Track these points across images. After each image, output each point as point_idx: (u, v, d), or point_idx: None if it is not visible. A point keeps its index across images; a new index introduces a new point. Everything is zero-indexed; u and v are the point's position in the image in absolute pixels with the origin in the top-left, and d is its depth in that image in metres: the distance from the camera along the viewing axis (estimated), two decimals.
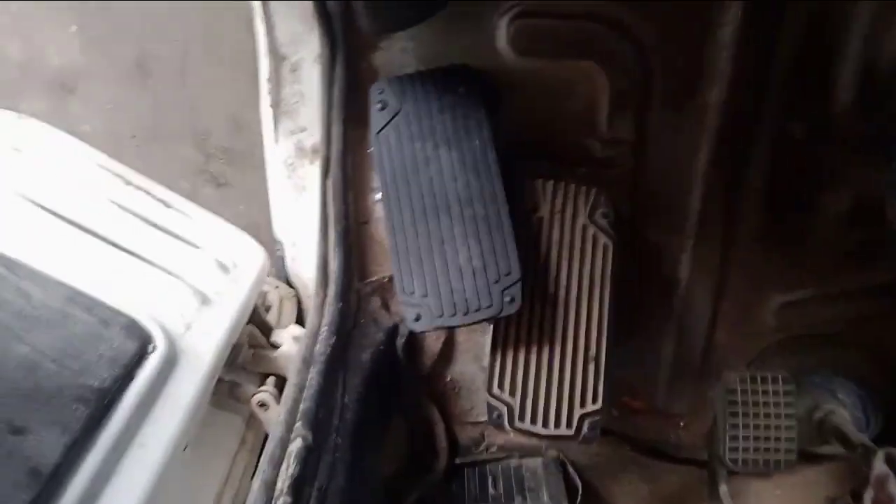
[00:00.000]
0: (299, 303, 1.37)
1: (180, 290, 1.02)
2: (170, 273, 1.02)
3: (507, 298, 0.98)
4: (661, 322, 1.32)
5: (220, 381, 1.01)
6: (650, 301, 1.31)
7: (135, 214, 1.11)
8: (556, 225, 1.10)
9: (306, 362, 0.97)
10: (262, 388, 1.01)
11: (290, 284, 1.39)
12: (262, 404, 1.00)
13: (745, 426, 1.03)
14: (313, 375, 0.94)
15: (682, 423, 1.38)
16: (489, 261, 0.98)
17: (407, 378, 1.22)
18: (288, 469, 0.79)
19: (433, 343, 1.25)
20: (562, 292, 1.07)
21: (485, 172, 1.03)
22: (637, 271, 1.27)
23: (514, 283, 0.98)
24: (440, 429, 1.26)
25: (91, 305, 0.91)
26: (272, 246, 1.38)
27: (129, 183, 1.16)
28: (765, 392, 1.04)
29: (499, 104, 1.13)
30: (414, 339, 1.22)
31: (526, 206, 1.10)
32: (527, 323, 1.05)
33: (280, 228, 1.36)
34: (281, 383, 1.09)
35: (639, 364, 1.36)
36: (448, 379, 1.28)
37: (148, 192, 1.16)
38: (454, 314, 0.98)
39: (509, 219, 1.01)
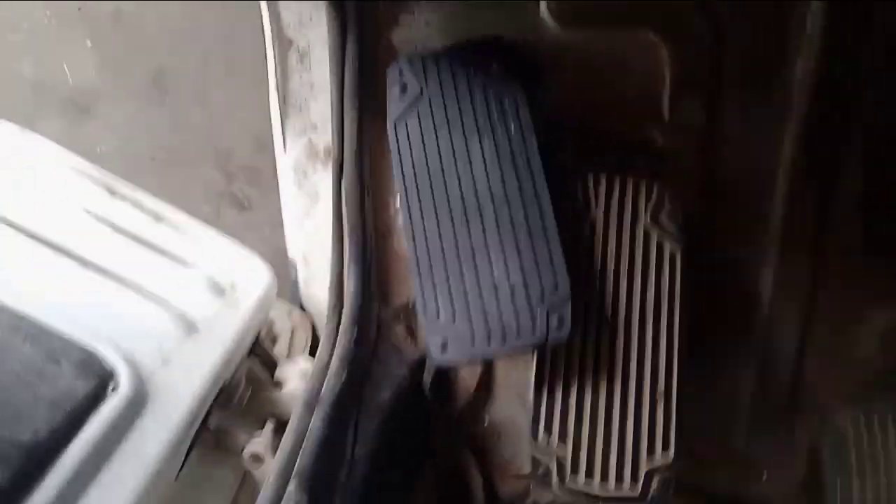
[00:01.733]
0: (314, 332, 1.19)
1: (159, 315, 0.85)
2: (147, 295, 0.85)
3: (553, 322, 0.79)
4: (739, 350, 1.10)
5: (206, 428, 0.82)
6: (725, 325, 1.09)
7: (113, 227, 0.95)
8: (613, 229, 0.90)
9: (309, 406, 0.79)
10: (257, 436, 0.82)
11: (304, 310, 1.21)
12: (256, 458, 0.81)
13: (862, 485, 0.81)
14: (316, 422, 0.75)
15: (765, 474, 1.15)
16: (531, 276, 0.79)
17: (437, 422, 1.02)
18: None
19: (468, 379, 1.05)
20: (621, 313, 0.86)
21: (524, 166, 0.84)
22: (708, 288, 1.06)
23: (563, 303, 0.79)
24: (477, 482, 1.05)
25: (37, 335, 0.74)
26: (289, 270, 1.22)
27: (114, 193, 1.00)
28: (885, 438, 0.81)
29: (539, 84, 0.95)
30: (444, 375, 1.03)
31: (573, 207, 0.90)
32: (578, 352, 0.85)
33: (293, 246, 1.19)
34: (282, 430, 0.89)
35: (712, 402, 1.14)
36: (486, 423, 1.07)
37: (136, 204, 1.00)
38: (488, 342, 0.79)
39: (555, 223, 0.82)
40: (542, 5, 0.92)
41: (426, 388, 0.98)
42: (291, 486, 0.65)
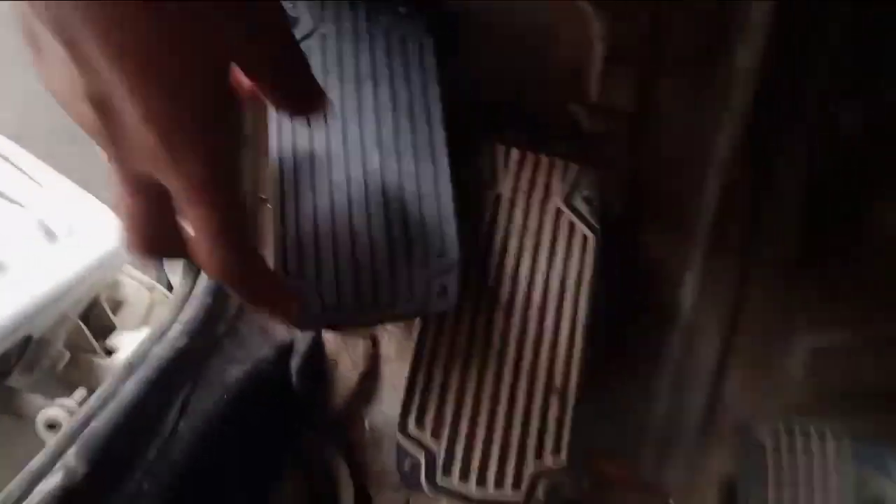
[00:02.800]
0: None
1: None
2: None
3: (437, 289, 0.66)
4: (653, 363, 0.99)
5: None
6: (640, 334, 0.99)
7: None
8: (520, 206, 0.79)
9: (130, 368, 0.64)
10: (59, 400, 0.67)
11: (171, 290, 1.06)
12: (53, 425, 0.66)
13: (778, 497, 0.70)
14: (130, 384, 0.61)
15: (670, 502, 1.05)
16: (416, 235, 0.67)
17: (306, 418, 0.89)
18: None
19: (347, 373, 0.91)
20: (520, 296, 0.75)
21: (422, 119, 0.73)
22: (624, 291, 0.96)
23: (449, 270, 0.67)
24: (349, 493, 0.91)
25: None
26: None
27: None
28: (806, 453, 0.71)
29: (455, 46, 0.84)
30: (316, 362, 0.89)
31: (476, 177, 0.79)
32: (466, 334, 0.73)
33: None
34: None
35: (621, 419, 1.03)
36: (366, 425, 0.94)
37: None
38: (358, 307, 0.65)
39: (450, 182, 0.71)
40: None
41: (293, 376, 0.84)
42: (71, 452, 0.51)
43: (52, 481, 0.49)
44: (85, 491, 0.50)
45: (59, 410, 0.66)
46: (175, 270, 1.01)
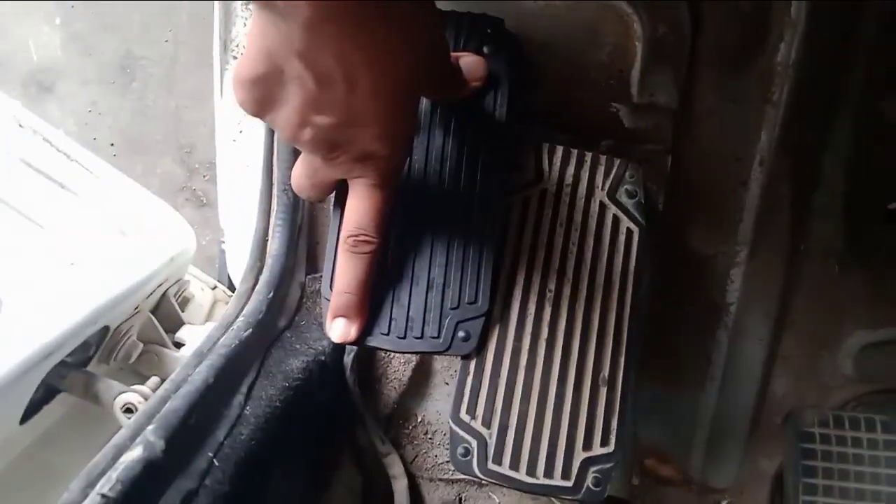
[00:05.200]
0: None
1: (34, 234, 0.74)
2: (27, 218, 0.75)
3: (460, 334, 0.70)
4: (702, 360, 1.00)
5: (80, 374, 0.71)
6: (687, 332, 1.00)
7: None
8: (565, 201, 0.80)
9: (199, 355, 0.68)
10: (135, 386, 0.70)
11: (232, 289, 1.10)
12: (129, 409, 0.70)
13: (828, 489, 0.70)
14: (202, 370, 0.64)
15: (724, 502, 1.04)
16: (453, 279, 0.70)
17: (360, 411, 0.91)
18: (107, 484, 0.49)
19: (400, 368, 0.95)
20: (566, 290, 0.76)
21: (484, 173, 0.74)
22: (670, 290, 0.97)
23: (476, 318, 0.70)
24: (402, 485, 0.93)
25: None
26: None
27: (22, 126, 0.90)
28: (856, 442, 0.71)
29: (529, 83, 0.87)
30: (372, 359, 0.92)
31: (524, 175, 0.81)
32: (515, 327, 0.74)
33: (224, 214, 1.08)
34: None
35: (670, 418, 1.03)
36: (419, 420, 0.96)
37: (46, 139, 0.90)
38: (387, 335, 0.69)
39: (496, 233, 0.74)
40: None
41: (347, 369, 0.87)
42: (150, 429, 0.54)
43: (134, 454, 0.52)
44: (163, 464, 0.53)
45: (134, 395, 0.69)
46: (237, 271, 1.05)
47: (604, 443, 0.71)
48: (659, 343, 0.97)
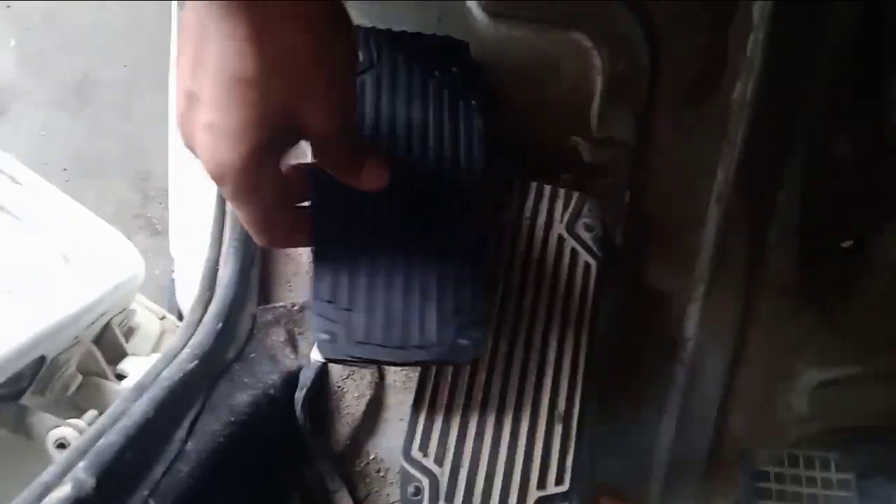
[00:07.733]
0: None
1: None
2: None
3: (462, 341, 0.65)
4: (657, 399, 0.99)
5: (13, 406, 0.68)
6: (644, 368, 0.99)
7: None
8: (523, 233, 0.80)
9: (140, 388, 0.65)
10: (69, 420, 0.67)
11: (181, 319, 1.07)
12: (62, 445, 0.66)
13: None
14: (141, 404, 0.61)
15: None
16: (447, 285, 0.66)
17: (310, 448, 0.88)
18: None
19: (353, 403, 0.92)
20: (523, 324, 0.75)
21: (465, 177, 0.71)
22: (628, 325, 0.96)
23: (474, 327, 0.65)
24: None
25: None
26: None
27: None
28: (810, 481, 0.70)
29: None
30: (323, 393, 0.89)
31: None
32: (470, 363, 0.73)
33: (176, 242, 1.05)
34: None
35: (627, 454, 1.02)
36: (371, 457, 0.93)
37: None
38: (383, 345, 0.63)
39: (486, 242, 0.71)
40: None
41: (297, 405, 0.84)
42: (80, 465, 0.51)
43: (62, 492, 0.49)
44: (93, 502, 0.50)
45: (68, 430, 0.66)
46: (187, 301, 1.02)
47: (558, 482, 0.70)
48: (616, 378, 0.96)
